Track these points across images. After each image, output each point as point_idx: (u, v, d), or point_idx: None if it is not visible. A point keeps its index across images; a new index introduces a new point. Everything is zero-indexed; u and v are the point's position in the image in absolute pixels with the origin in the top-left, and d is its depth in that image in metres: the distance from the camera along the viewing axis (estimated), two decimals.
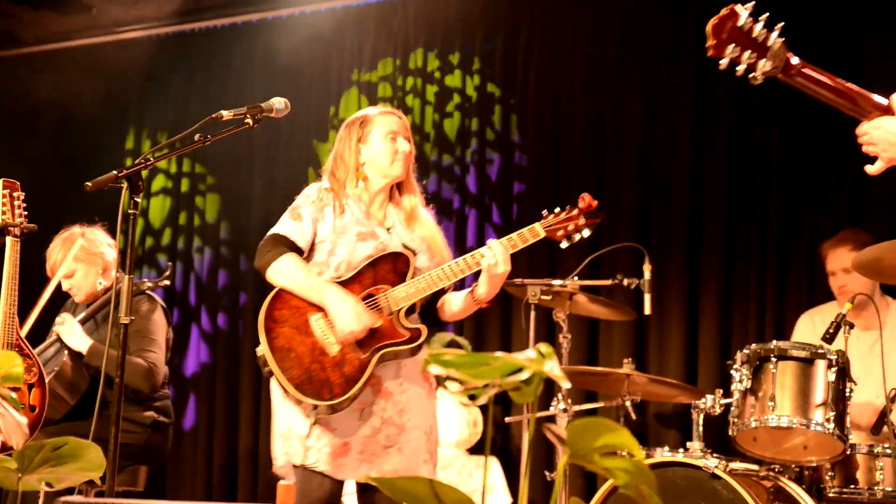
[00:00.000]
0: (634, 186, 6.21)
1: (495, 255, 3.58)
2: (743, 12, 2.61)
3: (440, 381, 1.73)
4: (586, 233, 3.69)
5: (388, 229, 3.80)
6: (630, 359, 4.84)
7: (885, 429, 4.23)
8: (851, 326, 4.33)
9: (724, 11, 2.62)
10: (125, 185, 3.31)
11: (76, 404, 4.83)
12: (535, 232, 3.64)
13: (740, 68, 2.61)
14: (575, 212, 3.68)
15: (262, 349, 3.59)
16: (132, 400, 4.81)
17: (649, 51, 6.27)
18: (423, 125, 6.81)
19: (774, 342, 4.30)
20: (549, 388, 5.22)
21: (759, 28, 2.61)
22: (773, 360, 4.22)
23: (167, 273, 5.21)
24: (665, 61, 6.23)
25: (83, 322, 4.92)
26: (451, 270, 3.64)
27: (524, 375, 1.68)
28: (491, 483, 5.85)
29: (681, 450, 4.43)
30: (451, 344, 6.20)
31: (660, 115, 6.22)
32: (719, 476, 4.17)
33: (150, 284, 5.02)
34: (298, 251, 3.70)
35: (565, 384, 1.71)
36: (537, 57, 6.58)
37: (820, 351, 4.23)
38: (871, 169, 2.73)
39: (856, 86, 2.66)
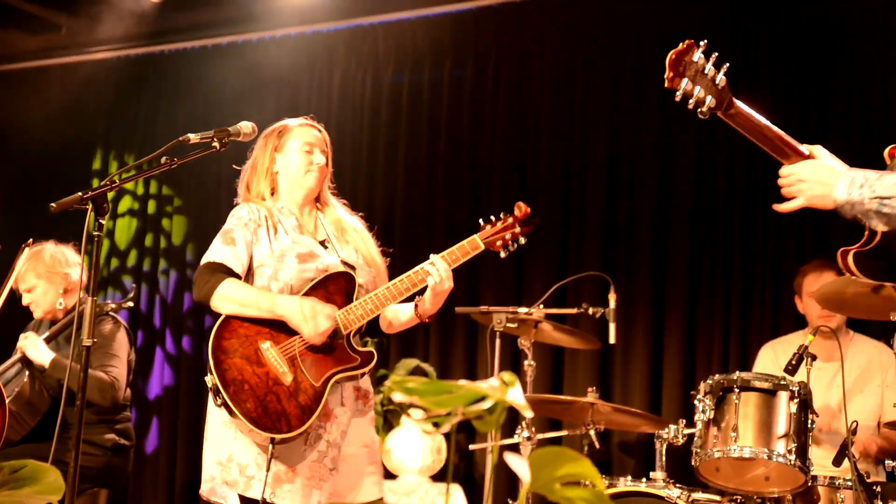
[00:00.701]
0: (600, 216, 6.24)
1: (440, 273, 3.57)
2: (698, 49, 2.76)
3: (403, 408, 1.73)
4: (522, 241, 3.70)
5: (323, 243, 3.74)
6: (594, 387, 4.84)
7: (846, 461, 4.25)
8: (813, 358, 4.36)
9: (682, 46, 2.77)
10: (90, 206, 3.29)
11: (36, 426, 4.78)
12: (474, 244, 3.64)
13: (691, 102, 2.76)
14: (510, 220, 3.68)
15: (214, 381, 3.48)
16: (93, 422, 4.78)
17: (615, 80, 6.31)
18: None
19: (737, 373, 4.31)
20: (514, 415, 5.22)
21: (709, 66, 2.76)
22: (736, 390, 4.23)
23: (131, 295, 5.18)
24: (630, 91, 6.27)
25: (46, 342, 4.88)
26: (396, 289, 3.59)
27: (487, 404, 1.68)
28: None
29: (644, 479, 4.43)
30: (416, 371, 6.20)
31: (625, 145, 6.27)
32: None
33: (113, 306, 5.00)
34: (236, 277, 3.61)
35: (528, 413, 1.71)
36: (504, 84, 6.61)
37: (782, 382, 4.24)
38: (783, 207, 2.88)
39: (782, 132, 2.83)
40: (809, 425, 4.22)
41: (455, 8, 6.81)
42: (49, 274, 4.97)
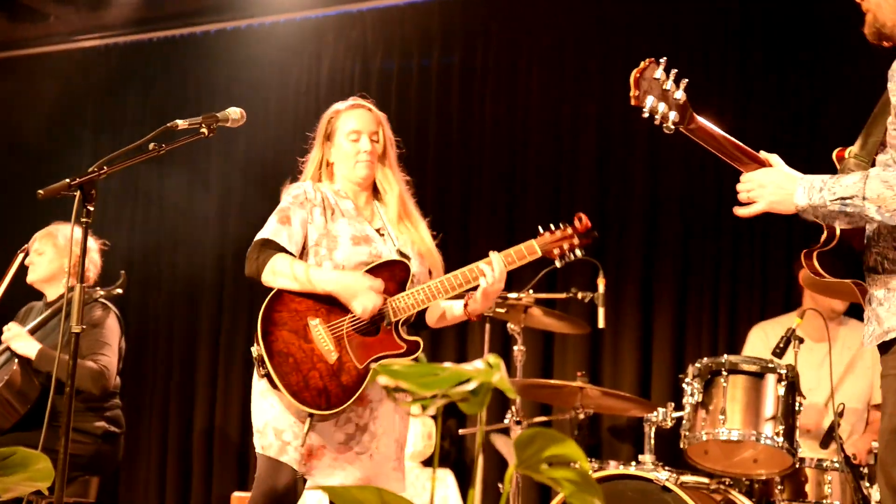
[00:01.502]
0: (590, 200, 6.24)
1: (493, 275, 3.55)
2: (659, 66, 2.88)
3: (389, 391, 1.73)
4: (579, 253, 3.68)
5: (378, 231, 3.70)
6: (583, 372, 4.86)
7: (833, 443, 4.28)
8: (801, 341, 4.39)
9: (643, 64, 2.88)
10: (78, 193, 3.29)
11: (26, 413, 4.79)
12: (532, 249, 3.63)
13: (657, 118, 2.90)
14: (570, 230, 3.67)
15: (260, 351, 3.48)
16: (81, 410, 4.78)
17: (605, 67, 6.32)
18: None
19: (725, 356, 4.35)
20: (504, 400, 5.24)
21: (670, 83, 2.88)
22: (724, 373, 4.27)
23: (120, 281, 5.17)
24: (621, 77, 6.21)
25: (34, 330, 4.88)
26: (449, 284, 3.57)
27: (472, 386, 1.69)
28: (445, 495, 5.86)
29: (633, 462, 4.46)
30: None
31: (615, 130, 6.27)
32: (670, 489, 4.19)
33: (102, 293, 5.00)
34: (287, 254, 3.60)
35: (513, 395, 1.72)
36: (493, 71, 6.62)
37: (770, 365, 4.28)
38: (743, 211, 3.01)
39: (739, 142, 2.98)
40: (797, 407, 4.25)
41: None
42: (63, 248, 5.01)
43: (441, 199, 6.65)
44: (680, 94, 2.89)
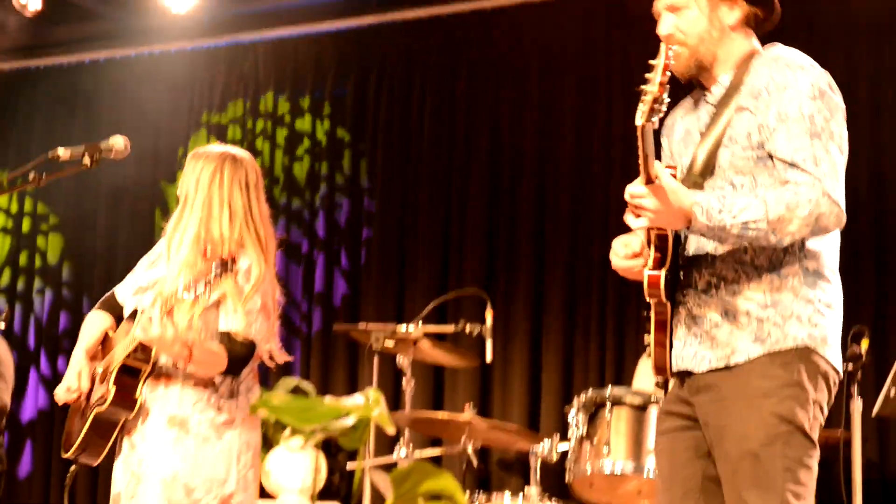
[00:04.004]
0: (480, 233, 6.30)
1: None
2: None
3: (269, 425, 1.73)
4: None
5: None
6: (471, 404, 4.87)
7: None
8: None
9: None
10: None
11: None
12: None
13: (661, 102, 2.61)
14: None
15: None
16: None
17: (496, 100, 6.39)
18: (273, 169, 6.80)
19: (610, 389, 4.40)
20: (395, 434, 5.22)
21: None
22: (609, 406, 4.32)
23: (3, 315, 5.06)
24: (510, 111, 6.36)
25: None
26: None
27: (351, 421, 1.70)
28: None
29: (520, 494, 4.48)
30: (296, 390, 6.15)
31: (505, 164, 6.34)
32: None
33: None
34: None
35: (390, 430, 1.73)
36: (386, 102, 6.64)
37: (653, 398, 4.34)
38: (635, 223, 2.88)
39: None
40: None
41: (336, 27, 6.82)
42: None
43: (331, 231, 6.64)
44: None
